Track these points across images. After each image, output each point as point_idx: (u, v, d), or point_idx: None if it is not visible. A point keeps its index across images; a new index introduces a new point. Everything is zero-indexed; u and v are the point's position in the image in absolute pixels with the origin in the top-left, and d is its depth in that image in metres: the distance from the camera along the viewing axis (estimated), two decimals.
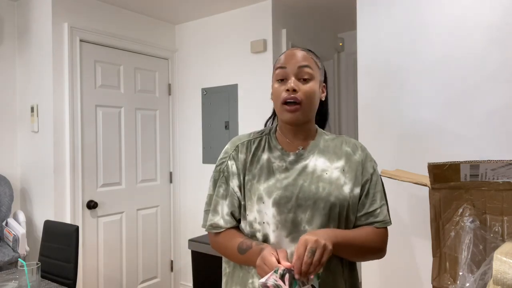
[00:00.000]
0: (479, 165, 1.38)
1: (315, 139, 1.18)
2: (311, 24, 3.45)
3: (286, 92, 1.07)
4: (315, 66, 1.12)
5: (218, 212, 1.14)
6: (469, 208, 1.46)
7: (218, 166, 1.18)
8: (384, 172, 1.81)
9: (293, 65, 1.08)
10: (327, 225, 1.06)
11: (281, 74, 1.10)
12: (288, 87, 1.07)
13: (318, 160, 1.12)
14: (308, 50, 1.15)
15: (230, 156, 1.16)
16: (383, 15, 2.23)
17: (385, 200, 1.16)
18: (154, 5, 3.08)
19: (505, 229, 1.40)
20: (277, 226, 1.06)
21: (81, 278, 2.76)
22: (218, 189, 1.15)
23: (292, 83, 1.07)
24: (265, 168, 1.12)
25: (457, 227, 1.47)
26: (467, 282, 1.32)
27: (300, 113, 1.09)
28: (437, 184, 1.50)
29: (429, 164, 1.47)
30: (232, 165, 1.15)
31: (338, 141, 1.19)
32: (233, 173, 1.14)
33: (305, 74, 1.08)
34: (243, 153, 1.15)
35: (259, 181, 1.10)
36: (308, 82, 1.09)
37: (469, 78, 1.97)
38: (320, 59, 1.19)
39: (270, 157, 1.13)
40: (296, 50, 1.13)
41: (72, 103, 2.75)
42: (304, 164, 1.11)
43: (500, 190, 1.41)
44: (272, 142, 1.17)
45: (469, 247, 1.40)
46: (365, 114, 2.30)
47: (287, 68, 1.09)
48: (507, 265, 1.05)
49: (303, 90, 1.08)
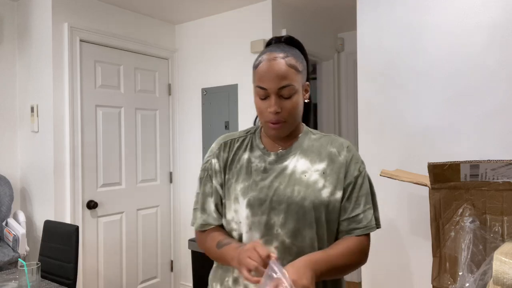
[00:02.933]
0: (479, 165, 1.38)
1: (299, 139, 1.14)
2: (311, 24, 3.45)
3: (269, 114, 1.04)
4: (298, 76, 1.05)
5: (206, 210, 1.14)
6: (469, 208, 1.46)
7: (204, 165, 1.18)
8: (384, 172, 1.81)
9: (273, 87, 1.02)
10: (301, 230, 1.03)
11: (261, 93, 1.05)
12: (271, 110, 1.03)
13: (299, 161, 1.09)
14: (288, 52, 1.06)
15: (214, 154, 1.16)
16: (384, 15, 2.23)
17: (371, 204, 1.11)
18: (154, 5, 3.08)
19: (505, 229, 1.41)
20: (250, 227, 1.06)
21: (81, 278, 2.76)
22: (204, 187, 1.16)
23: (274, 105, 1.02)
24: (244, 168, 1.11)
25: (457, 227, 1.47)
26: (467, 282, 1.32)
27: (284, 129, 1.07)
28: (437, 184, 1.50)
29: (429, 164, 1.47)
30: (215, 163, 1.15)
31: (324, 141, 1.14)
32: (216, 171, 1.14)
33: (286, 93, 1.03)
34: (226, 152, 1.15)
35: (237, 181, 1.10)
36: (290, 98, 1.04)
37: (469, 78, 1.97)
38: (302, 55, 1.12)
39: (251, 157, 1.12)
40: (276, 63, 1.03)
41: (72, 103, 2.75)
42: (283, 166, 1.09)
43: (500, 190, 1.41)
44: (255, 141, 1.15)
45: (469, 247, 1.40)
46: (365, 114, 2.31)
47: (267, 90, 1.03)
48: (507, 265, 1.05)
49: (286, 108, 1.04)
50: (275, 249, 1.03)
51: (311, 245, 1.04)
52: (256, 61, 1.08)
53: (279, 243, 1.03)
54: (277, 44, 1.12)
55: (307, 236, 1.04)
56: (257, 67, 1.07)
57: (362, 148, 2.31)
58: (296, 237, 1.03)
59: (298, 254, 1.00)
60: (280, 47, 1.08)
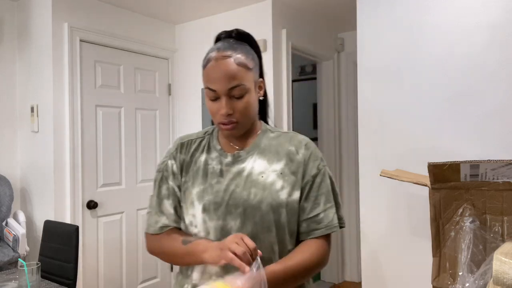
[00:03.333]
0: (479, 165, 1.38)
1: (257, 138, 1.09)
2: (311, 24, 3.45)
3: (221, 116, 1.00)
4: (248, 74, 1.01)
5: (164, 212, 1.09)
6: (469, 208, 1.46)
7: (159, 166, 1.14)
8: (384, 172, 1.81)
9: (222, 88, 0.98)
10: (259, 234, 0.99)
11: (211, 95, 1.01)
12: (222, 112, 0.99)
13: (257, 161, 1.05)
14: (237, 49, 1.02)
15: (171, 155, 1.12)
16: (383, 15, 2.23)
17: (333, 202, 1.06)
18: (154, 5, 3.08)
19: (505, 229, 1.41)
20: (207, 232, 1.02)
21: (81, 278, 2.76)
22: (160, 190, 1.11)
23: (225, 107, 0.98)
24: (201, 170, 1.06)
25: (457, 227, 1.47)
26: (467, 282, 1.32)
27: (238, 129, 1.03)
28: (437, 184, 1.50)
29: (429, 164, 1.47)
30: (172, 165, 1.10)
31: (283, 139, 1.09)
32: (173, 173, 1.10)
33: (237, 93, 0.99)
34: (183, 153, 1.11)
35: (193, 184, 1.06)
36: (242, 97, 0.99)
37: (469, 78, 1.97)
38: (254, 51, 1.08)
39: (208, 158, 1.08)
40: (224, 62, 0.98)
41: (72, 103, 2.75)
42: (240, 167, 1.04)
43: (500, 190, 1.41)
44: (212, 142, 1.11)
45: (469, 247, 1.40)
46: (365, 114, 2.31)
47: (217, 92, 0.99)
48: (507, 265, 1.05)
49: (238, 109, 0.99)
50: None
51: (271, 249, 1.00)
52: (205, 60, 1.03)
53: None
54: (226, 39, 1.07)
55: (266, 240, 0.99)
56: (205, 67, 1.02)
57: (362, 148, 2.31)
58: (254, 242, 0.95)
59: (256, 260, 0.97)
60: (229, 43, 1.04)
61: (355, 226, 3.79)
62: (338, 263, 3.87)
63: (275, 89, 2.99)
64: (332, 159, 3.85)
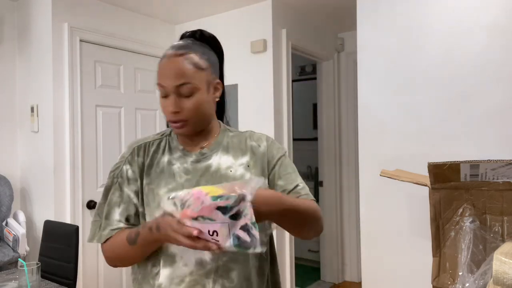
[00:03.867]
0: (479, 165, 1.38)
1: (218, 137, 1.09)
2: (311, 24, 3.45)
3: (169, 114, 0.99)
4: (199, 73, 1.00)
5: (111, 220, 1.03)
6: (469, 208, 1.46)
7: (112, 172, 1.08)
8: (384, 172, 1.81)
9: (169, 85, 0.98)
10: None
11: (162, 91, 1.00)
12: (169, 110, 0.98)
13: (222, 158, 1.05)
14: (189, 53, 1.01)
15: (126, 160, 1.07)
16: (383, 15, 2.23)
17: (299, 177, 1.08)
18: (154, 5, 3.08)
19: (505, 229, 1.41)
20: None
21: (81, 278, 2.76)
22: (111, 197, 1.05)
23: (172, 105, 0.98)
24: (166, 171, 1.04)
25: (457, 227, 1.47)
26: (467, 282, 1.32)
27: (188, 128, 1.01)
28: (437, 184, 1.50)
29: (429, 164, 1.47)
30: (127, 170, 1.06)
31: (243, 137, 1.12)
32: (128, 179, 1.05)
33: (185, 91, 0.98)
34: (141, 156, 1.07)
35: (159, 185, 1.02)
36: (191, 96, 0.98)
37: (469, 78, 1.97)
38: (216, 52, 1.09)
39: (171, 159, 1.06)
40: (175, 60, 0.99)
41: (72, 103, 2.75)
42: (207, 164, 1.04)
43: (500, 190, 1.41)
44: (172, 143, 1.09)
45: (469, 247, 1.40)
46: (365, 114, 2.31)
47: (165, 88, 0.99)
48: (507, 265, 1.05)
49: (186, 107, 0.98)
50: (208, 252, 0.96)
51: None
52: (161, 57, 1.05)
53: None
54: (186, 39, 1.07)
55: None
56: (159, 63, 1.03)
57: (362, 148, 2.31)
58: None
59: (232, 253, 0.95)
60: (186, 42, 1.04)
61: (355, 226, 3.80)
62: (338, 263, 3.87)
63: (275, 89, 2.99)
64: (332, 159, 3.85)
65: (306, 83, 4.80)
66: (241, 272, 0.99)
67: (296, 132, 3.68)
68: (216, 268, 0.97)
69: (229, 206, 0.77)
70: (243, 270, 0.99)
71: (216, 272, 0.97)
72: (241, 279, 0.98)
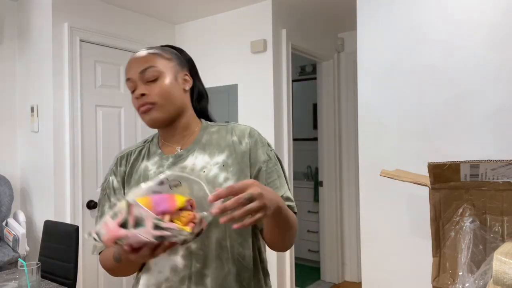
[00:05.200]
0: (479, 165, 1.38)
1: (197, 136, 1.07)
2: (311, 24, 3.45)
3: (135, 100, 1.02)
4: (163, 61, 1.02)
5: None
6: (469, 208, 1.46)
7: (102, 185, 1.11)
8: (384, 172, 1.81)
9: (134, 73, 1.01)
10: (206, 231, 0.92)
11: (130, 86, 1.03)
12: (136, 95, 1.01)
13: (198, 157, 1.02)
14: (151, 48, 1.06)
15: (112, 171, 1.09)
16: (383, 15, 2.23)
17: (287, 186, 1.05)
18: (154, 5, 3.08)
19: (505, 229, 1.40)
20: None
21: (81, 278, 2.76)
22: (102, 209, 1.07)
23: (139, 89, 1.00)
24: (141, 178, 1.04)
25: (457, 227, 1.47)
26: (467, 282, 1.32)
27: (156, 112, 1.00)
28: (437, 184, 1.50)
29: (429, 164, 1.47)
30: (113, 180, 1.08)
31: (224, 131, 1.07)
32: (115, 189, 1.07)
33: (150, 75, 1.00)
34: (123, 165, 1.08)
35: None
36: (156, 81, 1.00)
37: (469, 78, 1.97)
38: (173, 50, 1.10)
39: (148, 164, 1.06)
40: (136, 55, 1.04)
41: (72, 103, 2.75)
42: (182, 166, 1.02)
43: (500, 190, 1.41)
44: (152, 148, 1.09)
45: (469, 247, 1.40)
46: (365, 114, 2.31)
47: (131, 79, 1.02)
48: (507, 265, 1.05)
49: (153, 91, 0.99)
50: (181, 258, 0.96)
51: (219, 245, 0.97)
52: None
53: (184, 249, 0.95)
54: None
55: (214, 236, 0.96)
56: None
57: (362, 148, 2.31)
58: (202, 241, 0.95)
59: (205, 259, 0.95)
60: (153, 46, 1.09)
61: (355, 226, 3.80)
62: (338, 263, 3.87)
63: (275, 89, 2.99)
64: (332, 159, 3.85)
65: (306, 83, 4.80)
66: (215, 278, 0.96)
67: (296, 132, 3.69)
68: (189, 274, 0.95)
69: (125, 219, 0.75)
70: (218, 276, 0.96)
71: (190, 278, 0.95)
72: (215, 286, 0.96)
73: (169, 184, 0.84)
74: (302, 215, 4.33)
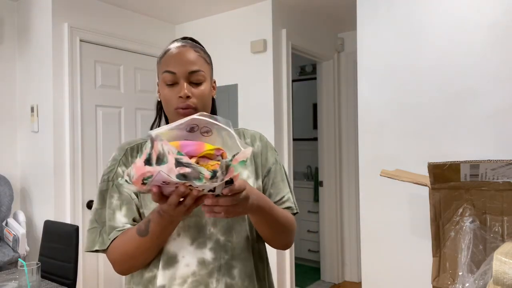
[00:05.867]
0: (479, 165, 1.38)
1: None
2: (311, 24, 3.45)
3: (179, 99, 0.98)
4: (206, 65, 1.03)
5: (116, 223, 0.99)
6: (469, 208, 1.46)
7: (106, 175, 1.05)
8: (384, 172, 1.81)
9: (183, 71, 0.98)
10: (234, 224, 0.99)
11: (169, 78, 0.99)
12: (181, 94, 0.97)
13: None
14: (196, 45, 1.05)
15: (120, 162, 1.05)
16: (383, 15, 2.23)
17: (289, 188, 1.11)
18: (154, 5, 3.08)
19: (505, 229, 1.41)
20: (178, 233, 0.96)
21: (81, 278, 2.76)
22: (110, 201, 1.01)
23: (186, 89, 0.97)
24: None
25: (457, 227, 1.47)
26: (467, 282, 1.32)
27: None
28: (437, 184, 1.50)
29: (429, 164, 1.47)
30: (124, 171, 1.03)
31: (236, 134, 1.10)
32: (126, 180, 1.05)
33: (196, 79, 0.99)
34: (135, 157, 1.04)
35: None
36: (200, 85, 1.00)
37: (469, 78, 1.97)
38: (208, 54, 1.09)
39: None
40: (185, 49, 1.01)
41: (72, 103, 2.75)
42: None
43: (500, 190, 1.41)
44: None
45: (469, 247, 1.40)
46: (365, 114, 2.31)
47: (176, 74, 0.98)
48: (507, 265, 1.05)
49: (196, 94, 0.99)
50: (210, 250, 0.96)
51: (246, 238, 1.01)
52: (162, 53, 1.05)
53: (213, 242, 0.97)
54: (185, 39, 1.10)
55: (242, 229, 1.01)
56: (163, 57, 1.03)
57: (362, 148, 2.31)
58: (230, 233, 0.98)
59: (234, 250, 0.98)
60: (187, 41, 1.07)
61: (355, 226, 3.80)
62: (338, 263, 3.87)
63: (275, 89, 2.99)
64: (332, 159, 3.85)
65: (306, 83, 4.80)
66: (243, 269, 0.99)
67: (296, 132, 3.69)
68: (218, 266, 0.97)
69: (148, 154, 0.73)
70: (245, 267, 1.00)
71: (219, 270, 0.97)
72: (243, 276, 0.99)
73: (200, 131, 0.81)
74: (302, 215, 4.33)
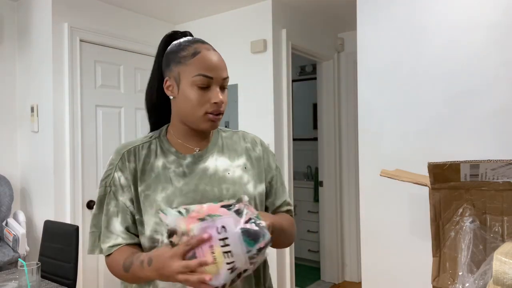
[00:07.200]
0: (479, 165, 1.38)
1: (213, 138, 1.09)
2: (311, 24, 3.45)
3: (213, 105, 0.98)
4: None
5: (112, 231, 1.00)
6: (469, 208, 1.46)
7: (104, 181, 1.04)
8: (384, 172, 1.81)
9: (219, 76, 0.99)
10: None
11: (204, 82, 0.97)
12: (217, 100, 0.98)
13: (219, 159, 1.05)
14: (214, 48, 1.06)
15: (116, 167, 1.03)
16: (383, 15, 2.23)
17: (287, 192, 1.18)
18: (154, 5, 3.08)
19: (505, 229, 1.40)
20: None
21: (81, 278, 2.76)
22: (107, 207, 1.02)
23: (220, 95, 0.99)
24: (161, 175, 1.00)
25: (457, 227, 1.47)
26: (467, 282, 1.32)
27: (219, 122, 1.03)
28: (437, 184, 1.50)
29: (429, 164, 1.47)
30: (120, 177, 1.02)
31: (237, 137, 1.13)
32: (122, 186, 1.01)
33: (225, 84, 1.02)
34: (132, 162, 1.03)
35: (155, 191, 0.99)
36: (224, 91, 1.03)
37: (469, 78, 1.97)
38: None
39: (165, 162, 1.02)
40: (216, 54, 1.03)
41: (72, 103, 2.75)
42: (204, 167, 1.03)
43: (500, 190, 1.41)
44: (164, 145, 1.05)
45: (469, 247, 1.40)
46: (365, 114, 2.30)
47: (213, 79, 0.98)
48: (507, 265, 1.05)
49: (225, 101, 1.01)
50: None
51: None
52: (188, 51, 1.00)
53: None
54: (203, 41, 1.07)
55: None
56: (195, 56, 0.99)
57: (362, 148, 2.31)
58: None
59: None
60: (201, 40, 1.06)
61: (355, 226, 3.80)
62: (338, 263, 3.87)
63: (275, 89, 2.99)
64: (332, 159, 3.85)
65: (306, 83, 4.80)
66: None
67: (296, 132, 3.69)
68: None
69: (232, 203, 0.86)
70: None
71: None
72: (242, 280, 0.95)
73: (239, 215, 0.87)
74: (302, 215, 4.33)
